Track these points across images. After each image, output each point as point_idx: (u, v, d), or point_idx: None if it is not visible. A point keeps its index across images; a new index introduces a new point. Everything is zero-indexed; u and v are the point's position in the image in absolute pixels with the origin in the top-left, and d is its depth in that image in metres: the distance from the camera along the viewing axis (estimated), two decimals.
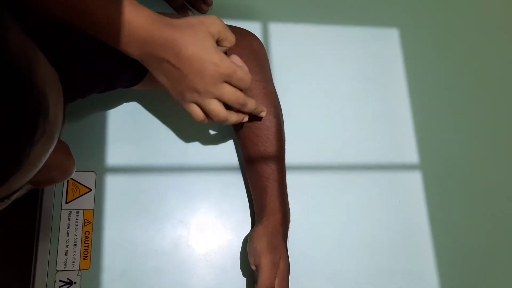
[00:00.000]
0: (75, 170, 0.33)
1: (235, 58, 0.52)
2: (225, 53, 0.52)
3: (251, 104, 0.54)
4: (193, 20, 0.49)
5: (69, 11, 0.44)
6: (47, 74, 0.26)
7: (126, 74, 0.54)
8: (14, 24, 0.24)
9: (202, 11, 0.71)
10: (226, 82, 0.50)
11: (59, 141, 0.30)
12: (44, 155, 0.26)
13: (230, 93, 0.51)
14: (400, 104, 0.73)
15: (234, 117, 0.54)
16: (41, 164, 0.26)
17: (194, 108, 0.52)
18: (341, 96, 0.72)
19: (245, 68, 0.52)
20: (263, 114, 0.58)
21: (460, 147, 0.73)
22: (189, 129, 0.66)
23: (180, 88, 0.50)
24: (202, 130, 0.66)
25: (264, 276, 0.53)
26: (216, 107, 0.51)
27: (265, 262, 0.53)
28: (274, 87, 0.63)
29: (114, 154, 0.63)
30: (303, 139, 0.68)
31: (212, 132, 0.66)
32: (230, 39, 0.51)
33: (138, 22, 0.45)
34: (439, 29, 0.79)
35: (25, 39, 0.25)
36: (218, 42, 0.50)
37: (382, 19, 0.78)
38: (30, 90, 0.24)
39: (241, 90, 0.52)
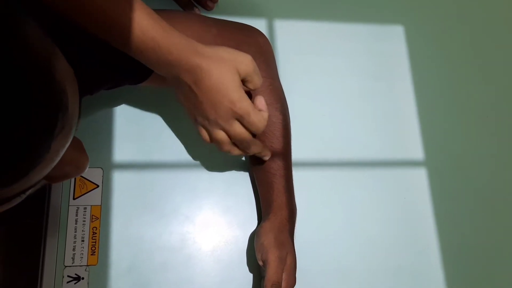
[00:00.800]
0: (88, 165, 0.34)
1: (259, 101, 0.52)
2: (249, 94, 0.52)
3: (254, 149, 0.54)
4: (226, 54, 0.49)
5: (96, 27, 0.44)
6: (65, 69, 0.27)
7: (134, 70, 0.54)
8: (32, 21, 0.25)
9: (208, 8, 0.72)
10: (238, 120, 0.50)
11: (73, 137, 0.30)
12: (61, 150, 0.27)
13: (238, 132, 0.51)
14: (405, 101, 0.73)
15: (236, 152, 0.54)
16: (59, 158, 0.27)
17: (202, 131, 0.53)
18: (347, 93, 0.72)
19: (265, 114, 0.51)
20: (266, 158, 0.58)
21: (465, 144, 0.73)
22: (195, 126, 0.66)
23: (194, 111, 0.51)
24: None
25: (271, 271, 0.53)
26: (221, 139, 0.52)
27: (272, 258, 0.54)
28: (280, 83, 0.63)
29: (121, 151, 0.63)
30: (309, 136, 0.68)
31: None
32: (255, 83, 0.51)
33: (167, 47, 0.45)
34: (443, 26, 0.79)
35: (44, 35, 0.25)
36: (243, 81, 0.50)
37: (387, 16, 0.78)
38: (51, 84, 0.24)
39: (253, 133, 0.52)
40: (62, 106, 0.25)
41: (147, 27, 0.44)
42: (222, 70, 0.47)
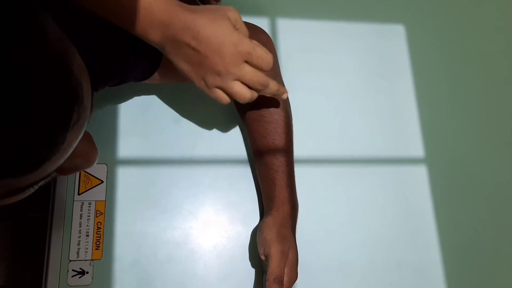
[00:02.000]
0: (97, 158, 0.34)
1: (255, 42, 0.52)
2: None
3: (273, 85, 0.53)
4: (212, 6, 0.50)
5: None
6: (80, 63, 0.27)
7: (138, 67, 0.55)
8: (49, 16, 0.26)
9: None
10: (246, 62, 0.50)
11: None
12: (75, 142, 0.28)
13: (252, 74, 0.50)
14: (406, 99, 0.74)
15: (256, 94, 0.53)
16: (71, 150, 0.28)
17: (218, 93, 0.51)
18: (348, 91, 0.73)
19: (265, 48, 0.51)
20: (285, 96, 0.57)
21: (466, 141, 0.74)
22: (198, 122, 0.67)
23: (202, 72, 0.50)
24: (211, 123, 0.67)
25: (274, 265, 0.54)
26: (240, 89, 0.51)
27: (274, 252, 0.54)
28: (282, 81, 0.64)
29: (125, 147, 0.64)
30: (311, 133, 0.69)
31: (221, 125, 0.67)
32: (243, 31, 0.51)
33: (159, 6, 0.46)
34: (444, 25, 0.80)
35: (60, 31, 0.26)
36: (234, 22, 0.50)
37: (388, 15, 0.79)
38: (68, 77, 0.25)
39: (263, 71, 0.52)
40: (78, 99, 0.26)
41: None
42: (214, 19, 0.48)
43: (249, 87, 0.51)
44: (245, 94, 0.51)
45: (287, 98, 0.63)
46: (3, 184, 0.25)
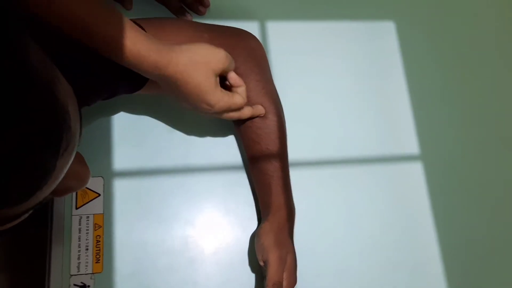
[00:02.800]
0: (90, 178, 0.35)
1: (231, 78, 0.56)
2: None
3: (247, 112, 0.58)
4: (199, 57, 0.51)
5: (80, 33, 0.45)
6: (66, 89, 0.28)
7: (129, 80, 0.55)
8: (33, 42, 0.26)
9: (199, 13, 0.72)
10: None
11: None
12: (65, 167, 0.28)
13: (230, 116, 0.57)
14: (399, 97, 0.74)
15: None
16: (63, 175, 0.28)
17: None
18: (340, 91, 0.73)
19: (241, 89, 0.56)
20: (262, 113, 0.60)
21: (460, 137, 0.74)
22: (191, 130, 0.67)
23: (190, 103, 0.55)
24: (204, 130, 0.67)
25: (272, 271, 0.54)
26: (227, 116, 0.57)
27: (272, 258, 0.55)
28: (274, 86, 0.64)
29: (120, 159, 0.64)
30: (305, 136, 0.69)
31: (214, 132, 0.68)
32: (231, 68, 0.55)
33: (147, 54, 0.47)
34: (435, 21, 0.80)
35: (44, 57, 0.26)
36: (221, 74, 0.54)
37: (378, 12, 0.79)
38: (55, 105, 0.25)
39: None
40: (66, 126, 0.26)
41: (129, 36, 0.46)
42: (196, 76, 0.51)
43: None
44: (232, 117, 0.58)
45: (280, 102, 0.64)
46: None
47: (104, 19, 0.45)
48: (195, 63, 0.50)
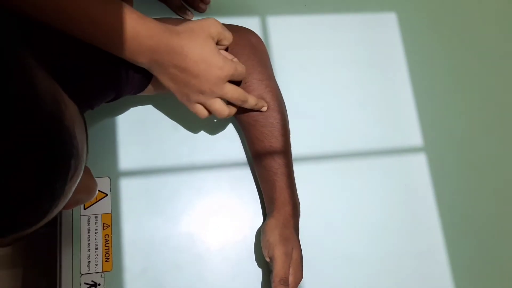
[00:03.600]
0: (97, 190, 0.35)
1: (226, 53, 0.56)
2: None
3: (251, 101, 0.58)
4: (193, 25, 0.52)
5: (72, 22, 0.45)
6: (72, 112, 0.27)
7: (132, 82, 0.55)
8: (34, 62, 0.25)
9: (200, 10, 0.72)
10: (228, 80, 0.54)
11: None
12: (74, 187, 0.28)
13: (232, 92, 0.55)
14: (402, 88, 0.74)
15: (234, 110, 0.58)
16: (71, 194, 0.29)
17: (198, 108, 0.56)
18: (343, 84, 0.73)
19: (238, 62, 0.56)
20: (264, 109, 0.60)
21: (464, 127, 0.74)
22: (196, 128, 0.67)
23: (186, 90, 0.53)
24: (209, 128, 0.68)
25: (278, 267, 0.55)
26: (220, 106, 0.55)
27: (278, 254, 0.55)
28: (276, 82, 0.64)
29: (126, 158, 0.65)
30: (308, 130, 0.69)
31: (219, 129, 0.68)
32: (228, 38, 0.54)
33: (145, 33, 0.48)
34: (437, 11, 0.79)
35: (50, 81, 0.26)
36: (218, 42, 0.54)
37: (379, 3, 0.79)
38: (63, 135, 0.25)
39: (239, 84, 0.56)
40: (74, 152, 0.26)
41: (126, 19, 0.46)
42: (199, 42, 0.51)
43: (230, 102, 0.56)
44: (224, 111, 0.55)
45: (282, 99, 0.64)
46: (9, 236, 0.26)
47: (102, 4, 0.45)
48: (192, 30, 0.51)
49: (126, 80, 0.54)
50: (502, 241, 0.70)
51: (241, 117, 0.62)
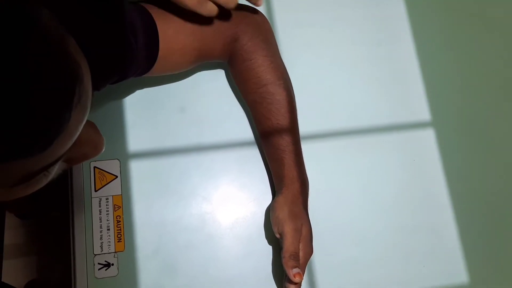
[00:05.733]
0: (104, 146, 0.36)
1: None
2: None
3: None
4: None
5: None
6: (75, 46, 0.29)
7: (137, 62, 0.55)
8: (44, 7, 0.27)
9: None
10: None
11: (87, 120, 0.32)
12: (79, 124, 0.29)
13: None
14: (409, 63, 0.73)
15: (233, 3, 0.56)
16: (77, 133, 0.29)
17: (209, 6, 0.54)
18: (349, 61, 0.73)
19: None
20: (259, 3, 0.58)
21: (471, 100, 0.73)
22: (203, 108, 0.67)
23: None
24: (216, 108, 0.68)
25: (288, 243, 0.55)
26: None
27: (288, 230, 0.56)
28: (282, 60, 0.64)
29: (135, 140, 0.65)
30: (315, 107, 0.69)
31: (225, 109, 0.68)
32: None
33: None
34: None
35: (55, 19, 0.27)
36: None
37: None
38: (66, 57, 0.27)
39: None
40: (78, 78, 0.27)
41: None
42: None
43: None
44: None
45: (288, 76, 0.64)
46: (15, 166, 0.26)
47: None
48: None
49: (130, 62, 0.54)
50: (511, 214, 0.70)
51: (248, 95, 0.62)
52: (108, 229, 0.62)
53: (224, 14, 0.61)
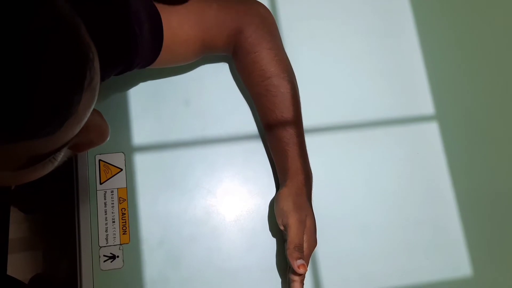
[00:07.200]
0: (109, 133, 0.36)
1: None
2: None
3: None
4: None
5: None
6: (87, 34, 0.29)
7: (141, 54, 0.55)
8: None
9: None
10: None
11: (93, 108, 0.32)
12: (88, 109, 0.29)
13: None
14: (413, 56, 0.73)
15: None
16: (85, 118, 0.29)
17: None
18: (353, 54, 0.73)
19: None
20: None
21: (475, 94, 0.73)
22: (208, 101, 0.68)
23: None
24: (220, 101, 0.68)
25: (292, 234, 0.56)
26: None
27: (292, 221, 0.56)
28: (285, 53, 0.64)
29: (139, 134, 0.65)
30: (319, 100, 0.69)
31: (230, 102, 0.68)
32: None
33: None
34: None
35: (68, 2, 0.28)
36: None
37: None
38: (79, 38, 0.27)
39: None
40: (89, 61, 0.27)
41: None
42: None
43: None
44: None
45: (292, 69, 0.64)
46: (24, 147, 0.26)
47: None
48: None
49: (135, 52, 0.54)
50: None
51: (253, 88, 0.62)
52: (113, 222, 0.62)
53: (228, 6, 0.61)
